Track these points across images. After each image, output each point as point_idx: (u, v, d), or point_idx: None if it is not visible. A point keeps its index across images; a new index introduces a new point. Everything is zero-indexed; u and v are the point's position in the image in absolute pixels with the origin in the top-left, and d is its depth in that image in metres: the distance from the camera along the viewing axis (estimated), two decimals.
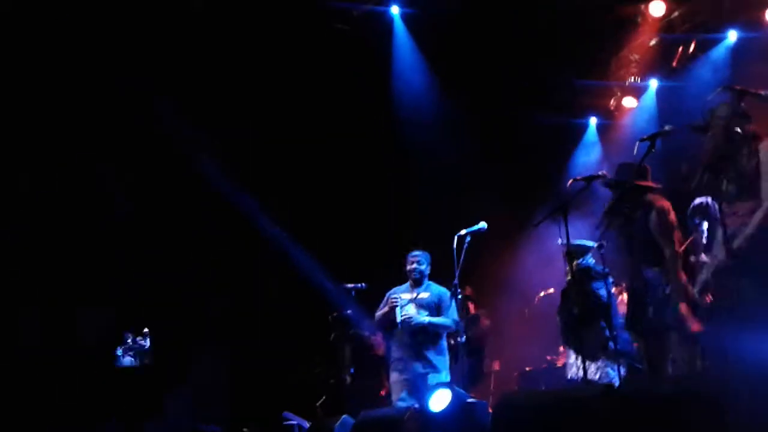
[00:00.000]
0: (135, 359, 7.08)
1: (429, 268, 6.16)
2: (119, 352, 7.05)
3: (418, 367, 5.91)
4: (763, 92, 4.38)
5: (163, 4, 7.49)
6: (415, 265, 6.10)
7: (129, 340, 7.13)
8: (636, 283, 4.79)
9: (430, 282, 6.14)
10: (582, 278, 5.72)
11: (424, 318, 5.93)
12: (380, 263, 7.12)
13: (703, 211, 5.18)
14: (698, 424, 3.09)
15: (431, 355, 5.93)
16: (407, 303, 6.05)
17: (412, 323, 5.90)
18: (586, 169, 8.16)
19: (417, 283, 6.11)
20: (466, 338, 6.29)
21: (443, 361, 6.01)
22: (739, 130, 4.31)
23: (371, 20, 8.45)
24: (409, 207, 8.92)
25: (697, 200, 5.24)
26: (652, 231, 4.66)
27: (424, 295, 6.04)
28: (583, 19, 8.08)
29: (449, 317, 5.99)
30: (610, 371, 5.57)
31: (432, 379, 5.80)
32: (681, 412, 3.23)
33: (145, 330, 6.70)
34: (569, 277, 5.80)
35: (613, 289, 6.31)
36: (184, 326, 7.90)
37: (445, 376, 5.91)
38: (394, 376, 6.07)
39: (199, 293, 8.20)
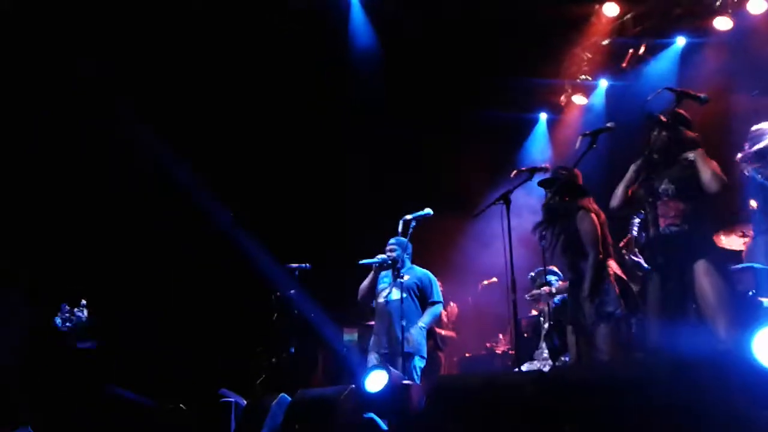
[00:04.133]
0: (73, 329, 6.93)
1: (406, 252, 6.28)
2: (57, 321, 6.90)
3: (397, 343, 5.97)
4: (702, 95, 4.54)
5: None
6: (389, 253, 6.24)
7: (66, 312, 6.98)
8: (572, 279, 4.94)
9: (413, 265, 6.29)
10: (558, 317, 5.92)
11: (420, 332, 6.04)
12: (325, 244, 7.14)
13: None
14: (620, 408, 3.22)
15: (409, 332, 6.01)
16: (389, 286, 6.16)
17: (414, 339, 5.96)
18: (535, 161, 8.31)
19: (395, 268, 6.22)
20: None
21: (421, 338, 6.11)
22: (684, 134, 4.51)
23: (329, 4, 8.42)
24: (356, 190, 8.93)
25: None
26: (580, 233, 4.81)
27: (405, 278, 6.17)
28: (538, 16, 8.19)
29: (433, 299, 6.20)
30: None
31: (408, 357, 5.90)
32: (605, 396, 3.36)
33: (83, 301, 6.56)
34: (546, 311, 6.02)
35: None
36: (125, 301, 7.78)
37: (420, 353, 5.99)
38: (374, 348, 6.17)
39: (140, 270, 8.09)
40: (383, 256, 6.20)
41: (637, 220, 5.52)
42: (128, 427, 5.91)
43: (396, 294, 6.06)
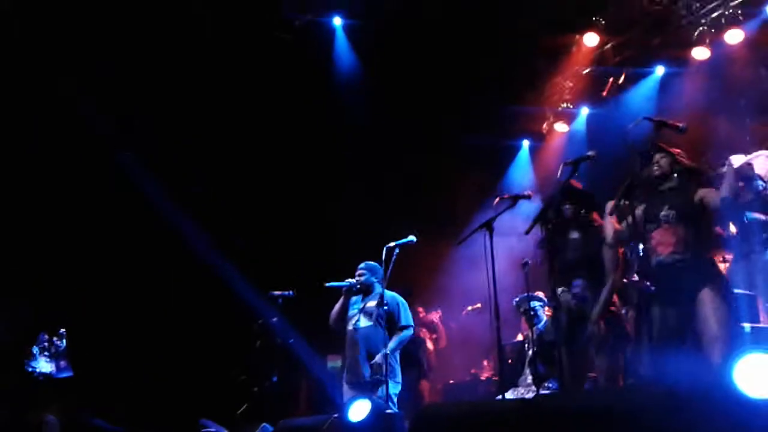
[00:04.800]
0: (51, 361, 6.83)
1: (376, 276, 6.15)
2: (35, 351, 6.79)
3: (366, 372, 5.88)
4: (681, 125, 4.60)
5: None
6: (359, 278, 6.15)
7: (45, 342, 6.88)
8: (567, 297, 4.93)
9: (383, 290, 6.10)
10: (542, 343, 5.90)
11: (384, 356, 5.81)
12: (308, 271, 7.10)
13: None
14: None
15: (376, 361, 5.87)
16: (357, 312, 6.08)
17: (381, 374, 5.80)
18: (518, 188, 8.36)
19: (366, 293, 6.15)
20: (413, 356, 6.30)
21: (393, 366, 5.94)
22: (686, 162, 4.60)
23: (313, 30, 8.47)
24: (340, 217, 8.93)
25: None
26: (596, 252, 4.84)
27: (371, 303, 6.06)
28: (520, 45, 8.31)
29: (401, 323, 5.98)
30: None
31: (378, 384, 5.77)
32: (593, 425, 3.35)
33: (62, 330, 6.47)
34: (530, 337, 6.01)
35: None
36: (104, 329, 7.69)
37: (394, 379, 5.86)
38: (345, 378, 6.04)
39: (123, 298, 8.00)
40: (352, 280, 6.13)
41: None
42: None
43: (364, 321, 6.00)
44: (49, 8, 7.16)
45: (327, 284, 6.10)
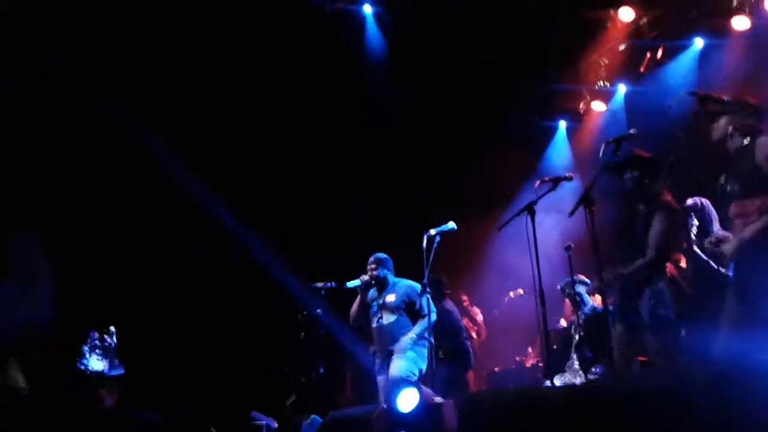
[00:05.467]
0: (103, 359, 6.97)
1: (387, 268, 6.14)
2: (85, 350, 6.93)
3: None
4: (725, 98, 4.47)
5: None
6: (371, 273, 6.12)
7: (95, 339, 7.02)
8: (623, 277, 4.74)
9: (397, 280, 6.10)
10: (589, 328, 5.82)
11: (408, 345, 5.87)
12: (351, 262, 7.12)
13: (696, 211, 5.27)
14: (658, 421, 3.15)
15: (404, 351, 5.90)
16: (376, 309, 6.05)
17: (403, 361, 5.82)
18: (556, 170, 8.25)
19: (381, 287, 6.12)
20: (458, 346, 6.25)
21: (418, 354, 5.94)
22: (737, 127, 4.27)
23: (343, 18, 8.45)
24: (379, 206, 8.93)
25: (690, 201, 5.33)
26: (651, 230, 4.64)
27: (390, 298, 6.04)
28: (554, 23, 8.17)
29: (424, 312, 5.93)
30: None
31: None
32: (641, 409, 3.30)
33: (111, 328, 6.60)
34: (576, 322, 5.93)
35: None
36: (152, 325, 7.82)
37: (417, 365, 5.86)
38: (378, 370, 6.06)
39: (168, 292, 8.13)
40: (365, 277, 6.07)
41: (695, 222, 5.30)
42: None
43: (387, 317, 5.98)
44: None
45: (346, 285, 6.07)
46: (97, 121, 7.65)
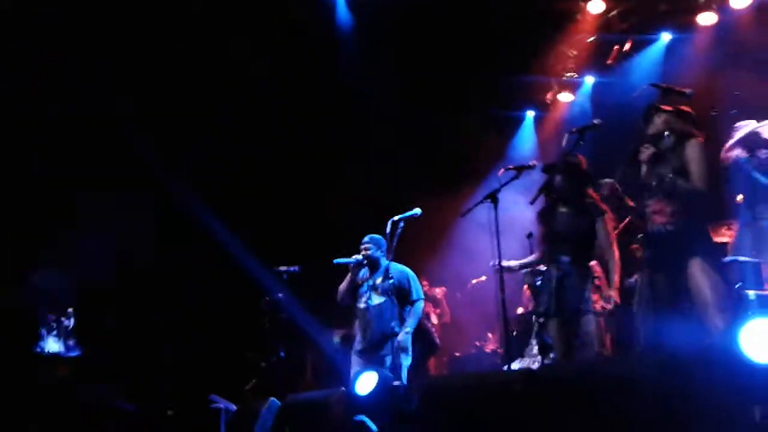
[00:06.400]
0: (59, 340, 6.87)
1: (381, 249, 6.09)
2: (42, 332, 6.84)
3: (382, 348, 5.89)
4: (687, 90, 4.54)
5: None
6: (364, 252, 6.09)
7: (52, 321, 6.92)
8: (553, 271, 4.86)
9: (390, 263, 6.06)
10: None
11: (407, 337, 5.89)
12: (313, 245, 7.10)
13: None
14: (609, 405, 3.21)
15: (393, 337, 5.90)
16: (367, 289, 6.05)
17: (403, 349, 5.85)
18: (522, 159, 8.29)
19: (373, 268, 6.11)
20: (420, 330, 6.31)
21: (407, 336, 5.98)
22: (680, 127, 4.39)
23: (316, 4, 8.40)
24: (344, 191, 8.89)
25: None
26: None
27: (381, 280, 6.02)
28: (523, 13, 8.19)
29: (413, 297, 6.01)
30: None
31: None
32: (594, 394, 3.36)
33: (69, 309, 6.51)
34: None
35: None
36: (111, 307, 7.73)
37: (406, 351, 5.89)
38: (357, 350, 6.06)
39: (128, 275, 8.03)
40: (359, 256, 6.08)
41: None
42: None
43: (375, 298, 5.98)
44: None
45: (335, 261, 6.08)
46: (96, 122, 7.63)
